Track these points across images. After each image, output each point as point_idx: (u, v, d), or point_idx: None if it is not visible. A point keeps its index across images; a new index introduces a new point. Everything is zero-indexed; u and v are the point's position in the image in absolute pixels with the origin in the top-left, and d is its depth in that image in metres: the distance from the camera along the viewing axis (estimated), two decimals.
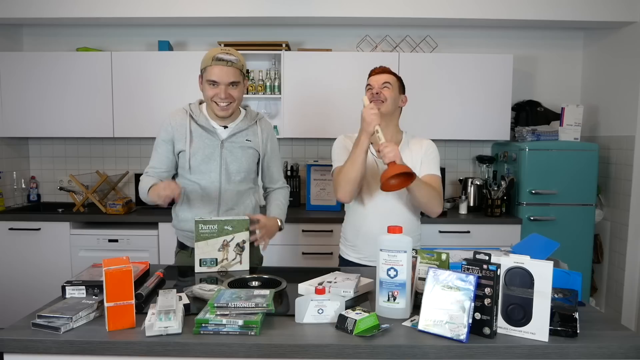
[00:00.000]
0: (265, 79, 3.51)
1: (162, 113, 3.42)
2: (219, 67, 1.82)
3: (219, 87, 1.83)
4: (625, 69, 3.28)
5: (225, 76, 1.82)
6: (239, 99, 1.92)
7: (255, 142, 2.00)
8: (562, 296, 1.35)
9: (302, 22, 3.47)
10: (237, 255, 1.84)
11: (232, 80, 1.84)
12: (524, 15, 3.26)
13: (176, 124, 1.94)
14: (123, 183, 3.75)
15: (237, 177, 1.97)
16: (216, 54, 1.83)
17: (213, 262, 1.82)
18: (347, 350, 1.20)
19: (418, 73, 3.37)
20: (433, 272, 1.30)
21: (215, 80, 1.83)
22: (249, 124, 1.99)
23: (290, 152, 3.78)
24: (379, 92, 1.95)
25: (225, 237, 1.82)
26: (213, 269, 1.82)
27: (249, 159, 1.98)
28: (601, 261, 3.49)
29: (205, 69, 1.86)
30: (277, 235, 3.20)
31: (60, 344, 1.21)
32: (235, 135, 1.96)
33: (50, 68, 3.38)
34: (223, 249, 1.82)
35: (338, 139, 2.11)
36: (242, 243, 1.84)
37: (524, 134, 3.38)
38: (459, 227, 3.23)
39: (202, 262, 1.81)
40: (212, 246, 1.81)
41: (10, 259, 3.25)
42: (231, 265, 1.84)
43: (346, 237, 2.11)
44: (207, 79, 1.85)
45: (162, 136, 1.95)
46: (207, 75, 1.84)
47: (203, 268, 1.81)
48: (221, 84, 1.83)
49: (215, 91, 1.84)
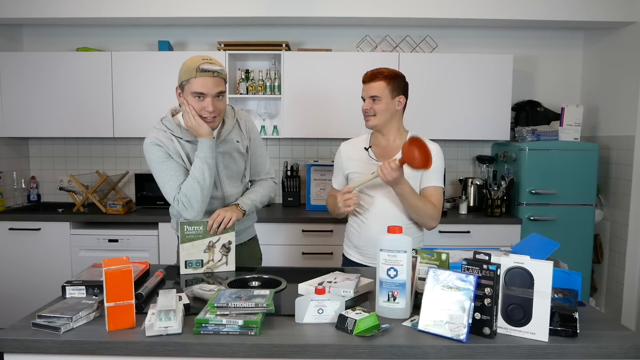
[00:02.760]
0: (265, 79, 3.51)
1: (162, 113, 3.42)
2: (204, 78, 1.70)
3: (206, 100, 1.72)
4: (625, 69, 3.28)
5: (212, 87, 1.72)
6: (224, 109, 1.84)
7: (242, 139, 1.94)
8: (562, 296, 1.35)
9: (302, 22, 3.47)
10: (223, 256, 1.83)
11: (218, 90, 1.74)
12: (524, 15, 3.26)
13: (165, 146, 1.80)
14: (123, 183, 3.75)
15: (236, 181, 1.95)
16: (199, 64, 1.70)
17: (199, 264, 1.80)
18: (347, 350, 1.20)
19: (418, 73, 3.37)
20: (433, 272, 1.30)
21: (203, 92, 1.71)
22: (232, 124, 1.91)
23: (290, 152, 3.78)
24: (368, 107, 1.96)
25: (211, 238, 1.80)
26: (199, 271, 1.80)
27: (241, 158, 1.95)
28: (601, 261, 3.49)
29: (188, 80, 1.72)
30: (277, 235, 3.22)
31: (60, 344, 1.21)
32: (224, 141, 1.88)
33: (51, 68, 3.38)
34: (209, 250, 1.81)
35: (337, 152, 2.12)
36: (227, 244, 1.83)
37: (524, 134, 3.38)
38: (459, 227, 3.23)
39: (187, 264, 1.79)
40: (197, 247, 1.80)
41: (10, 259, 3.25)
42: (217, 266, 1.82)
43: (349, 238, 2.10)
44: (192, 91, 1.72)
45: (160, 155, 1.80)
46: (192, 87, 1.72)
47: (189, 270, 1.80)
48: (208, 95, 1.72)
49: (203, 104, 1.73)
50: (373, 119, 1.96)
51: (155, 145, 1.79)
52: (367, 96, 1.96)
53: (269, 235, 3.14)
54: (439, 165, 1.97)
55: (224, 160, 1.90)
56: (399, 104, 1.98)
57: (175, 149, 1.81)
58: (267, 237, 3.07)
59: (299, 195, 3.59)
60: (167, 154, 1.80)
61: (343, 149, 2.11)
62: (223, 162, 1.90)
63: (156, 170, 1.81)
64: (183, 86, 1.75)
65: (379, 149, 2.02)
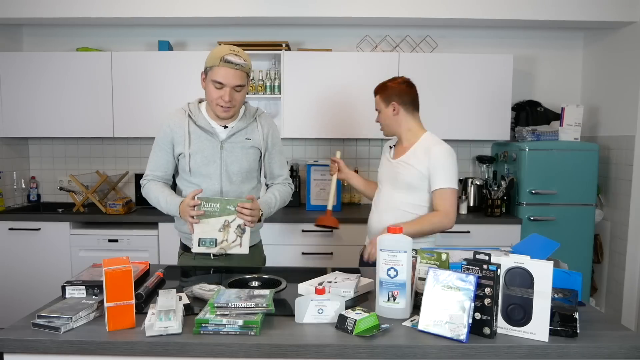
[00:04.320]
0: (265, 79, 3.51)
1: (162, 113, 3.44)
2: (226, 69, 1.76)
3: (224, 90, 1.78)
4: (625, 69, 3.28)
5: (232, 79, 1.77)
6: (242, 102, 1.89)
7: (256, 139, 1.95)
8: (562, 296, 1.35)
9: (302, 22, 3.47)
10: (238, 237, 1.77)
11: (238, 83, 1.79)
12: (524, 15, 3.26)
13: (175, 125, 1.90)
14: (123, 183, 3.75)
15: (238, 178, 1.94)
16: (225, 54, 1.76)
17: (212, 243, 1.75)
18: (347, 350, 1.20)
19: (418, 73, 3.35)
20: (433, 272, 1.30)
21: (221, 82, 1.77)
22: (248, 122, 1.95)
23: (290, 152, 3.78)
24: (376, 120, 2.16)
25: (227, 217, 1.75)
26: (212, 250, 1.76)
27: (249, 158, 1.95)
28: (601, 261, 3.49)
29: (211, 67, 1.79)
30: (277, 235, 3.22)
31: (60, 344, 1.21)
32: (235, 135, 1.92)
33: (50, 68, 3.38)
34: (224, 230, 1.75)
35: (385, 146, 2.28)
36: (243, 225, 1.77)
37: (524, 134, 3.38)
38: (459, 227, 3.22)
39: (201, 242, 1.74)
40: (212, 226, 1.74)
41: (10, 259, 3.25)
42: (231, 247, 1.77)
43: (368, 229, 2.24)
44: (212, 79, 1.79)
45: (161, 138, 1.93)
46: (213, 75, 1.78)
47: (202, 248, 1.75)
48: (227, 86, 1.78)
49: (220, 93, 1.79)
50: (383, 129, 2.16)
51: (165, 127, 1.93)
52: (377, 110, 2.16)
53: (268, 235, 3.14)
54: (440, 166, 1.96)
55: (225, 154, 1.91)
56: (393, 111, 2.08)
57: (183, 129, 1.89)
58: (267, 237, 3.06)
59: (299, 195, 3.60)
60: (167, 140, 1.92)
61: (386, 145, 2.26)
62: (223, 157, 1.91)
63: (152, 148, 1.98)
64: (207, 72, 1.83)
65: (400, 148, 2.15)
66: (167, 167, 1.96)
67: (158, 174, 1.96)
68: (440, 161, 1.96)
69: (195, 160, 1.89)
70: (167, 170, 1.96)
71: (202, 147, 1.90)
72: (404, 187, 2.03)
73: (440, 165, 1.96)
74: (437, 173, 1.96)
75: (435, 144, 2.02)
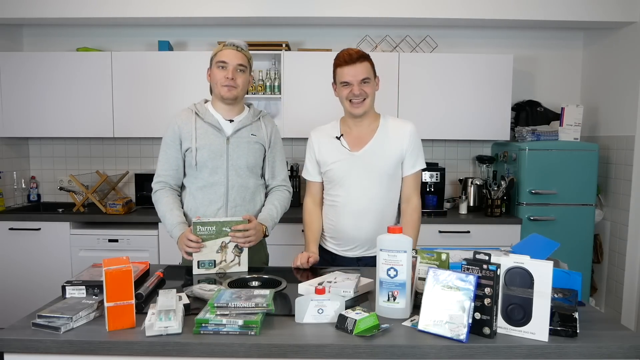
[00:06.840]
0: (265, 79, 3.51)
1: (162, 113, 3.45)
2: (228, 49, 1.91)
3: (227, 69, 1.90)
4: (625, 69, 3.28)
5: (235, 58, 1.90)
6: (244, 86, 1.96)
7: (260, 136, 2.01)
8: (562, 296, 1.35)
9: (302, 22, 3.47)
10: (236, 257, 1.83)
11: (240, 62, 1.91)
12: (524, 15, 3.26)
13: (182, 123, 1.96)
14: (123, 183, 3.74)
15: (245, 172, 1.97)
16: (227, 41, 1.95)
17: (211, 264, 1.80)
18: (347, 350, 1.20)
19: (418, 73, 3.37)
20: (433, 272, 1.30)
21: (225, 61, 1.90)
22: (252, 119, 2.02)
23: (291, 152, 3.78)
24: (360, 92, 1.83)
25: (224, 238, 1.80)
26: (211, 271, 1.81)
27: (255, 153, 1.99)
28: (601, 261, 3.49)
29: (215, 54, 1.94)
30: (278, 235, 3.22)
31: (60, 344, 1.21)
32: (241, 130, 1.98)
33: (51, 68, 3.38)
34: (221, 251, 1.81)
35: (309, 141, 2.05)
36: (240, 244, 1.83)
37: (524, 134, 3.38)
38: (458, 227, 3.23)
39: (200, 264, 1.80)
40: (210, 248, 1.79)
41: (10, 259, 3.25)
42: (230, 266, 1.82)
43: (325, 229, 2.06)
44: (216, 61, 1.92)
45: (169, 136, 1.97)
46: (217, 58, 1.92)
47: (201, 270, 1.80)
48: (230, 64, 1.89)
49: (224, 73, 1.90)
50: (364, 104, 1.85)
51: (172, 125, 1.97)
52: (355, 80, 1.82)
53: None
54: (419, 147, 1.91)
55: (231, 149, 1.95)
56: (377, 84, 1.93)
57: (190, 125, 1.94)
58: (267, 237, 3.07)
59: (299, 195, 3.59)
60: (175, 137, 1.95)
61: (314, 136, 2.03)
62: (230, 151, 1.95)
63: (161, 148, 2.01)
64: (212, 62, 1.96)
65: (351, 137, 1.94)
66: (178, 165, 1.98)
67: (170, 174, 1.98)
68: (417, 139, 1.90)
69: (202, 154, 1.93)
70: (177, 168, 1.99)
71: (209, 142, 1.94)
72: (377, 179, 1.89)
73: (419, 144, 1.91)
74: (418, 153, 1.90)
75: (404, 122, 1.93)
